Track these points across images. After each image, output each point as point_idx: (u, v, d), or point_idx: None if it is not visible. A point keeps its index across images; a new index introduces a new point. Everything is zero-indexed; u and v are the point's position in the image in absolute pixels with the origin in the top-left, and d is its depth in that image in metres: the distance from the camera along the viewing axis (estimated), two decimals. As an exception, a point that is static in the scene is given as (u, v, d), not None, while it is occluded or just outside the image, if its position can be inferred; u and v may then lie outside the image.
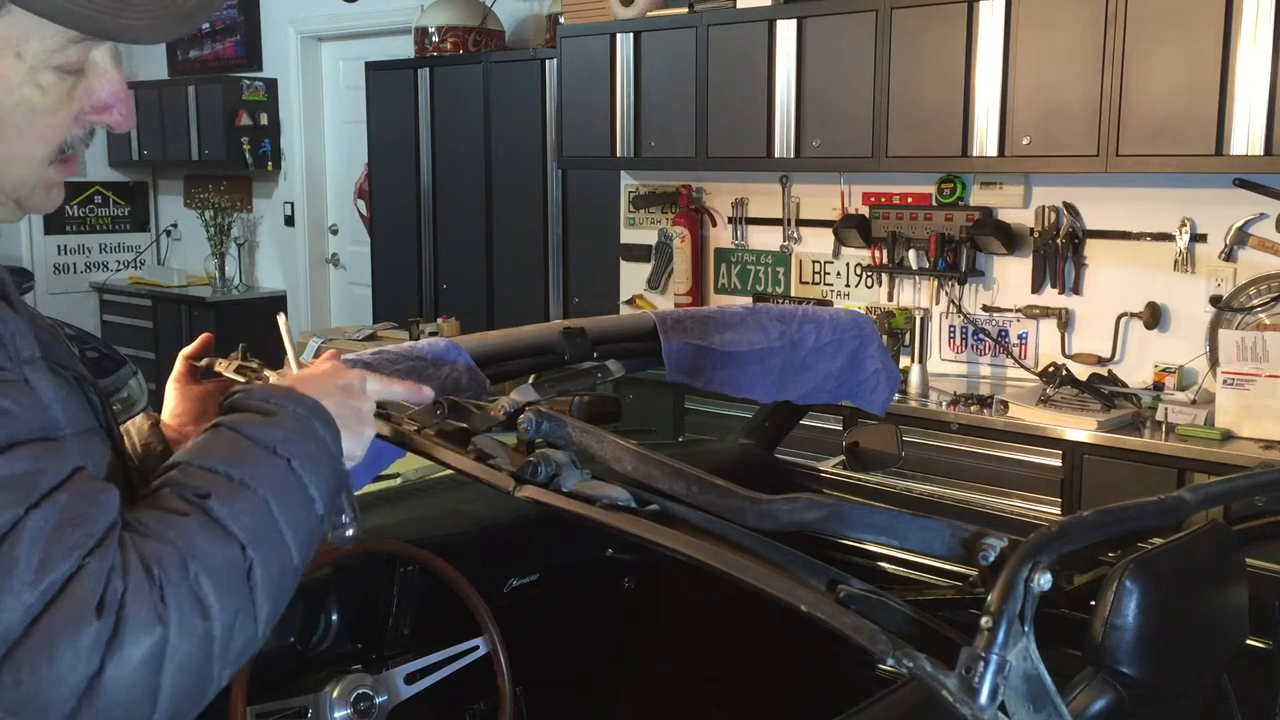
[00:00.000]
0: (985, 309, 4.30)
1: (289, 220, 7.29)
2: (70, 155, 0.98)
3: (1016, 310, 4.22)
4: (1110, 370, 3.97)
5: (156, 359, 7.08)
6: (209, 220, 7.40)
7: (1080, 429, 3.59)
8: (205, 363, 1.37)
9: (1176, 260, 3.86)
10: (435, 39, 5.70)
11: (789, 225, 4.78)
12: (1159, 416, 3.56)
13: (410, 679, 1.87)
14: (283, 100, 7.16)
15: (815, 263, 4.75)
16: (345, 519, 1.08)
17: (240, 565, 0.90)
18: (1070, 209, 4.05)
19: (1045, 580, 0.91)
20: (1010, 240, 4.15)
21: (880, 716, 1.48)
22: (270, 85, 7.16)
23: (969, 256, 4.23)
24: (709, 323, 2.19)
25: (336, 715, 1.77)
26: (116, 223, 8.09)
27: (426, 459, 1.30)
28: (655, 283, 5.17)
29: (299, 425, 1.01)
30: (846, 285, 4.67)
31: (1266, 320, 3.68)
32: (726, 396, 2.78)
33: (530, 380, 1.40)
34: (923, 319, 4.28)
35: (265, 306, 7.32)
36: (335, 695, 1.78)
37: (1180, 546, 1.38)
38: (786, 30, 4.33)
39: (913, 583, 2.29)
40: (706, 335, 2.16)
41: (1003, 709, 0.90)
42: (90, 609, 0.81)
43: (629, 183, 5.24)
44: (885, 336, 4.24)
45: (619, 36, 4.81)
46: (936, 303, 4.39)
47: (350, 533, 1.09)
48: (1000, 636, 0.89)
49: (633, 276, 5.25)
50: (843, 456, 2.49)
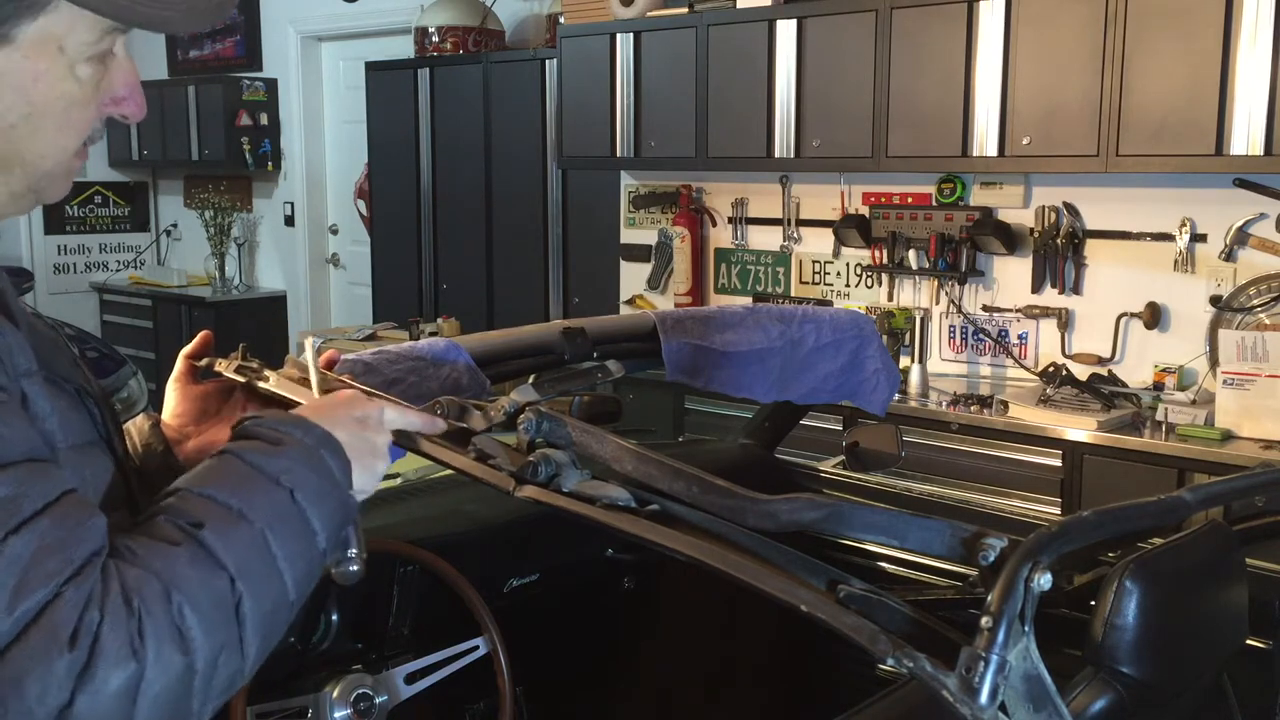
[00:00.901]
0: (985, 309, 4.30)
1: (289, 220, 7.29)
2: (89, 144, 1.00)
3: (1016, 310, 4.22)
4: (1110, 370, 3.97)
5: (156, 359, 7.08)
6: (209, 220, 7.41)
7: (1080, 429, 3.59)
8: (205, 363, 1.36)
9: (1176, 260, 3.86)
10: (435, 39, 5.70)
11: (789, 225, 4.78)
12: (1159, 416, 3.56)
13: (410, 679, 1.87)
14: (283, 100, 7.16)
15: (815, 263, 4.75)
16: (351, 553, 1.06)
17: (229, 598, 0.88)
18: (1070, 209, 4.05)
19: (1045, 580, 0.91)
20: (1010, 240, 4.15)
21: (880, 716, 1.48)
22: (270, 85, 7.17)
23: (969, 256, 4.23)
24: (709, 323, 2.19)
25: (336, 715, 1.77)
26: (116, 223, 8.09)
27: (426, 459, 1.30)
28: (655, 283, 5.17)
29: (306, 456, 0.99)
30: (846, 285, 4.67)
31: (1266, 320, 3.68)
32: (726, 396, 2.77)
33: (530, 380, 1.40)
34: (923, 319, 4.28)
35: (265, 307, 7.33)
36: (335, 695, 1.78)
37: (1180, 546, 1.38)
38: (786, 30, 4.33)
39: (913, 583, 2.29)
40: (706, 335, 2.16)
41: (1003, 709, 0.90)
42: (63, 639, 0.79)
43: (629, 183, 5.24)
44: (885, 336, 4.24)
45: (619, 36, 4.81)
46: (936, 303, 4.39)
47: (355, 568, 1.07)
48: (1000, 636, 0.89)
49: (633, 276, 5.25)
50: (843, 456, 2.49)
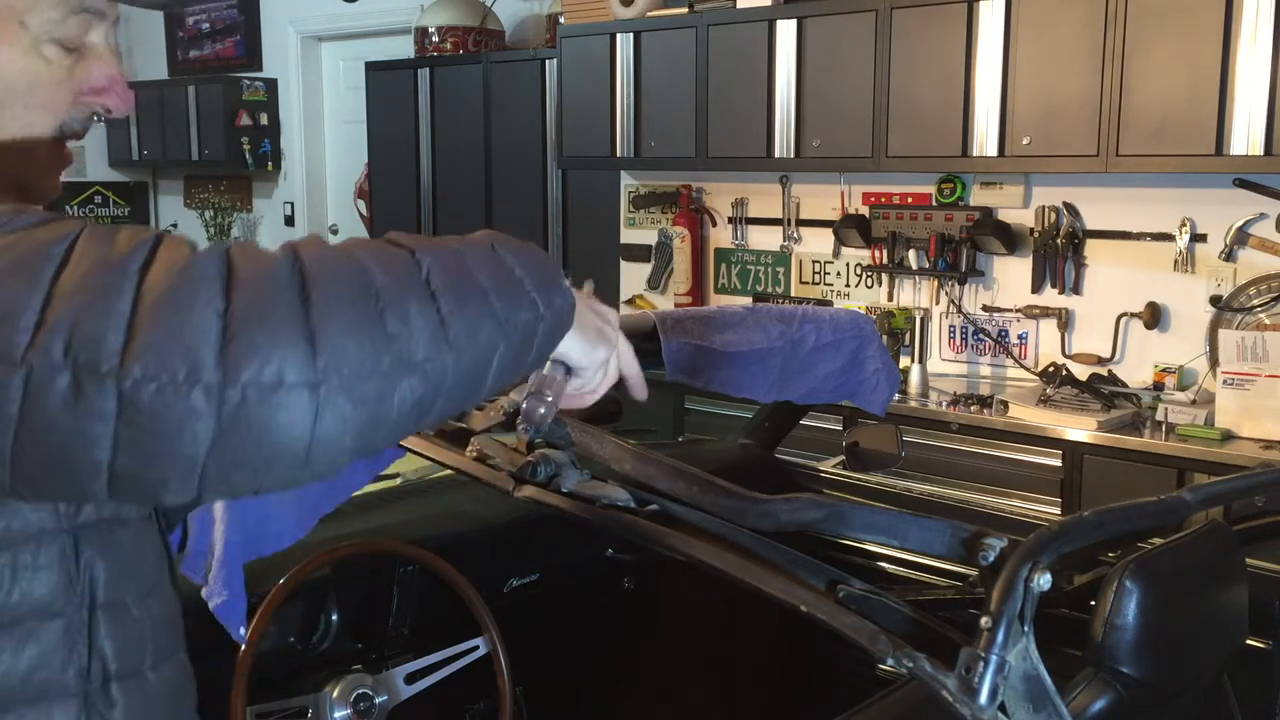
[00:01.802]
0: (985, 309, 4.30)
1: (289, 220, 7.29)
2: (68, 137, 0.99)
3: (1016, 310, 4.22)
4: (1110, 370, 3.97)
5: (156, 359, 7.07)
6: (209, 220, 7.40)
7: (1080, 429, 3.59)
8: None
9: (1176, 260, 3.86)
10: (435, 39, 5.70)
11: (789, 225, 4.78)
12: (1159, 416, 3.55)
13: (410, 679, 1.87)
14: (283, 100, 7.16)
15: (815, 263, 4.75)
16: (548, 395, 0.98)
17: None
18: (1070, 209, 4.05)
19: (1045, 580, 0.91)
20: (1010, 240, 4.15)
21: (880, 716, 1.48)
22: (270, 85, 7.16)
23: (969, 256, 4.23)
24: (709, 323, 2.19)
25: (336, 715, 1.78)
26: (116, 223, 8.06)
27: (426, 459, 1.30)
28: (655, 283, 5.17)
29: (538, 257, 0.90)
30: (846, 285, 4.67)
31: (1266, 320, 3.68)
32: (726, 396, 2.77)
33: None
34: (923, 319, 4.28)
35: (265, 306, 7.32)
36: (335, 695, 1.78)
37: (1180, 546, 1.38)
38: (786, 30, 4.33)
39: (913, 583, 2.29)
40: (706, 335, 2.16)
41: (1002, 709, 0.90)
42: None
43: (629, 183, 5.24)
44: (885, 336, 4.24)
45: (619, 36, 4.81)
46: (936, 303, 4.39)
47: (542, 410, 0.99)
48: (1000, 637, 0.89)
49: (633, 276, 5.25)
50: (843, 456, 2.49)
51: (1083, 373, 3.96)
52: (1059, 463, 3.60)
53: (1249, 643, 1.52)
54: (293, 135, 7.14)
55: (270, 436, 0.72)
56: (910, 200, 4.41)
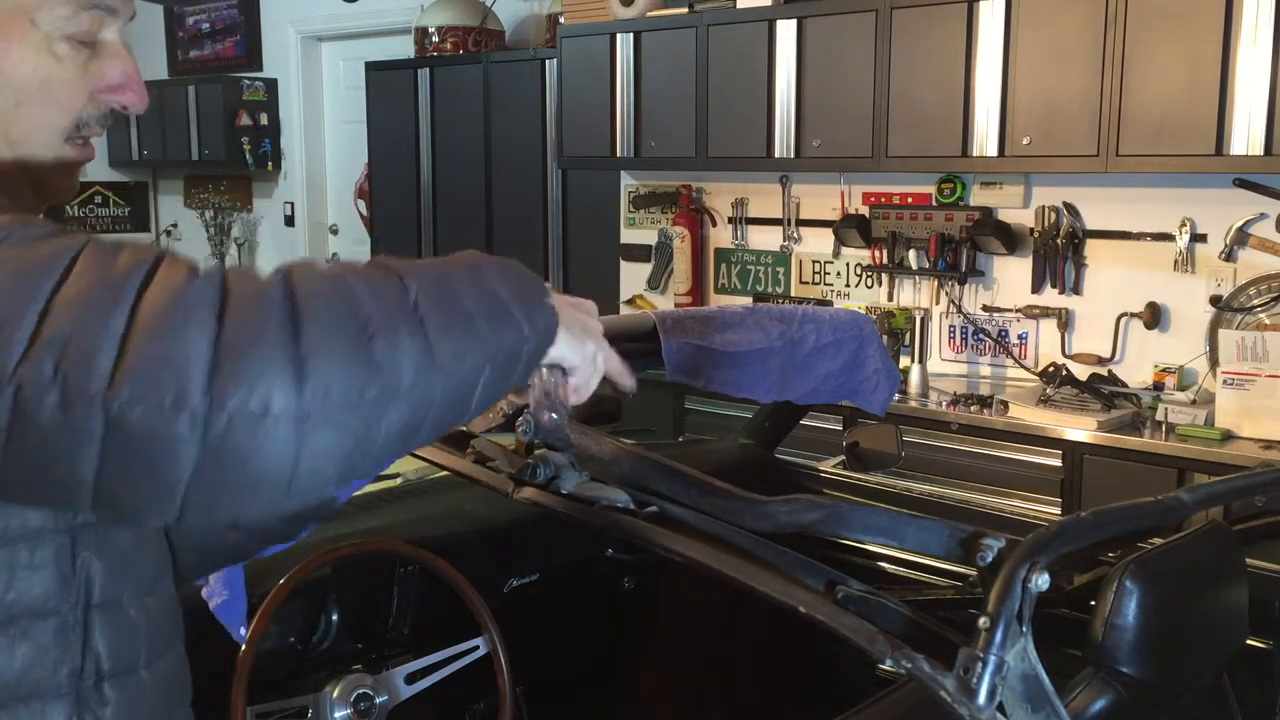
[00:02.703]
0: (985, 309, 4.30)
1: (289, 220, 7.29)
2: (86, 135, 0.99)
3: (1016, 310, 4.22)
4: (1110, 370, 3.97)
5: (157, 359, 7.07)
6: (209, 220, 7.40)
7: (1080, 429, 3.59)
8: None
9: (1176, 260, 3.86)
10: (435, 39, 5.70)
11: (789, 225, 4.78)
12: (1159, 416, 3.55)
13: (410, 679, 1.87)
14: (283, 100, 7.16)
15: (815, 263, 4.75)
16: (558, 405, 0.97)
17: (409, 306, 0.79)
18: (1070, 209, 4.05)
19: (1043, 581, 0.91)
20: (1010, 240, 4.15)
21: (880, 716, 1.48)
22: (270, 85, 7.16)
23: (969, 256, 4.23)
24: (709, 323, 2.19)
25: (336, 715, 1.78)
26: (116, 223, 8.08)
27: (426, 462, 1.30)
28: (655, 283, 5.17)
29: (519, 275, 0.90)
30: (846, 285, 4.67)
31: (1266, 320, 3.68)
32: (726, 396, 2.77)
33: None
34: (923, 319, 4.28)
35: (265, 306, 7.32)
36: (335, 695, 1.78)
37: (1180, 546, 1.38)
38: (786, 30, 4.33)
39: (912, 583, 2.29)
40: (706, 335, 2.16)
41: (1001, 709, 0.90)
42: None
43: (629, 183, 5.24)
44: (885, 336, 4.24)
45: (619, 36, 4.81)
46: (936, 303, 4.39)
47: (554, 416, 0.97)
48: (998, 637, 0.89)
49: (633, 276, 5.25)
50: (843, 456, 2.49)
51: (1083, 373, 3.96)
52: (1059, 463, 3.60)
53: (1249, 643, 1.52)
54: (293, 135, 7.14)
55: (254, 465, 0.72)
56: (910, 200, 4.41)
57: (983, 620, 0.89)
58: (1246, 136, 3.40)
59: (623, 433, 1.37)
